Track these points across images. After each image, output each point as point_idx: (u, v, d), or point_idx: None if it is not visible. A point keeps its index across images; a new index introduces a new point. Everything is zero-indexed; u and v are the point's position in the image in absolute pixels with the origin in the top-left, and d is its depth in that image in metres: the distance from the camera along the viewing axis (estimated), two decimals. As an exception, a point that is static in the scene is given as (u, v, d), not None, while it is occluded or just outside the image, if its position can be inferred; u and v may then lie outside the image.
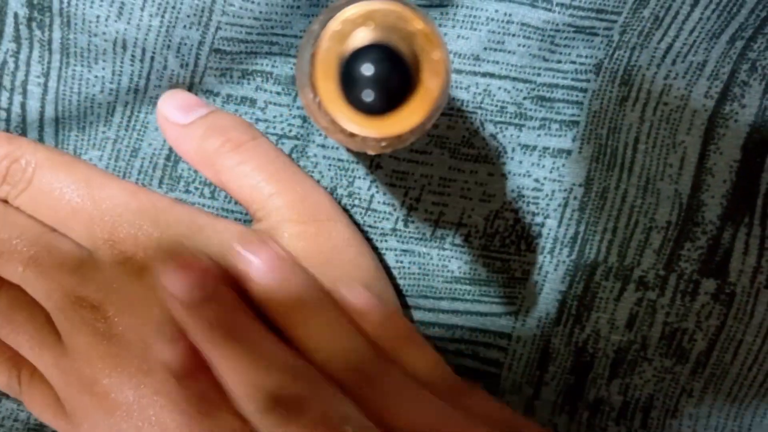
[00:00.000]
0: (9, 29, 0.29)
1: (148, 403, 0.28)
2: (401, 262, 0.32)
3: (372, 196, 0.31)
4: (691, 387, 0.34)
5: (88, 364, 0.29)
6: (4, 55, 0.29)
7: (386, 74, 0.20)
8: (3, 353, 0.31)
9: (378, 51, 0.20)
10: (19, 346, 0.30)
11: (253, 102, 0.31)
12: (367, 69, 0.20)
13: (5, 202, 0.30)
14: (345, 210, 0.31)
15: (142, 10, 0.29)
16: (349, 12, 0.21)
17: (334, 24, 0.21)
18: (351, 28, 0.21)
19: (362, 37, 0.20)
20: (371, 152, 0.25)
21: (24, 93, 0.30)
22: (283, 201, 0.29)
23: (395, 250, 0.32)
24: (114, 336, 0.28)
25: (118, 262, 0.29)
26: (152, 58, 0.30)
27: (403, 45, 0.20)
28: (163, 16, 0.29)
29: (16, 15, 0.29)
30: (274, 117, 0.31)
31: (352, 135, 0.25)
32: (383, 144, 0.25)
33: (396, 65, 0.20)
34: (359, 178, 0.31)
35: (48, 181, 0.30)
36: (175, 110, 0.29)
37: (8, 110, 0.31)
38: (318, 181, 0.31)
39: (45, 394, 0.31)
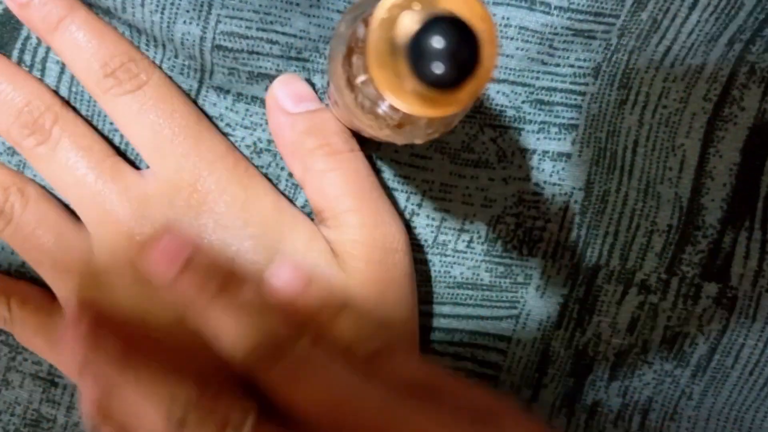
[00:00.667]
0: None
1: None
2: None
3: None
4: (690, 390, 0.34)
5: (112, 292, 0.28)
6: (28, 30, 0.29)
7: (457, 44, 0.20)
8: None
9: (444, 23, 0.20)
10: (38, 264, 0.30)
11: (263, 102, 0.30)
12: (438, 42, 0.20)
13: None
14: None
15: (142, 6, 0.29)
16: None
17: (381, 11, 0.21)
18: (398, 13, 0.21)
19: (413, 17, 0.20)
20: (419, 141, 0.25)
21: (42, 70, 0.30)
22: (358, 220, 0.29)
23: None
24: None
25: (190, 208, 0.29)
26: (164, 46, 0.30)
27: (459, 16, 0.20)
28: (162, 12, 0.29)
29: None
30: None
31: (400, 126, 0.25)
32: (431, 131, 0.25)
33: (464, 36, 0.20)
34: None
35: (160, 98, 0.29)
36: (286, 96, 0.29)
37: None
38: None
39: (37, 323, 0.30)
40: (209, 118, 0.30)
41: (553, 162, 0.32)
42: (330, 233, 0.29)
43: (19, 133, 0.28)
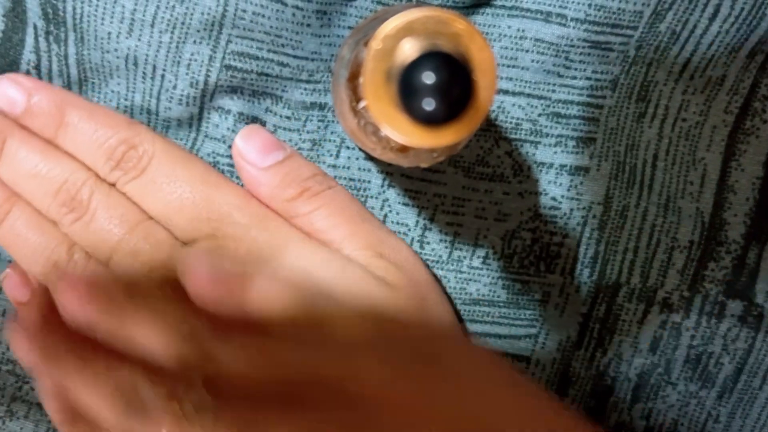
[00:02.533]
0: (30, 39, 0.30)
1: None
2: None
3: (385, 215, 0.31)
4: (717, 412, 0.33)
5: None
6: (26, 66, 0.30)
7: (448, 81, 0.20)
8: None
9: (435, 59, 0.19)
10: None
11: (263, 123, 0.30)
12: (428, 77, 0.19)
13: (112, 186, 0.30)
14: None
15: (152, 26, 0.29)
16: (388, 28, 0.20)
17: (375, 43, 0.21)
18: (393, 44, 0.20)
19: (409, 48, 0.20)
20: (424, 165, 0.25)
21: None
22: (361, 242, 0.29)
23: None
24: None
25: (213, 249, 0.29)
26: (162, 76, 0.30)
27: (453, 50, 0.20)
28: (173, 32, 0.29)
29: (35, 26, 0.30)
30: (283, 142, 0.31)
31: (404, 151, 0.24)
32: (435, 155, 0.25)
33: (455, 71, 0.20)
34: (371, 197, 0.31)
35: (163, 174, 0.30)
36: (253, 151, 0.30)
37: None
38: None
39: None
40: (213, 139, 0.31)
41: (570, 176, 0.31)
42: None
43: (57, 212, 0.29)
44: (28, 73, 0.30)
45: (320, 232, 0.29)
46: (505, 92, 0.31)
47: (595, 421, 0.33)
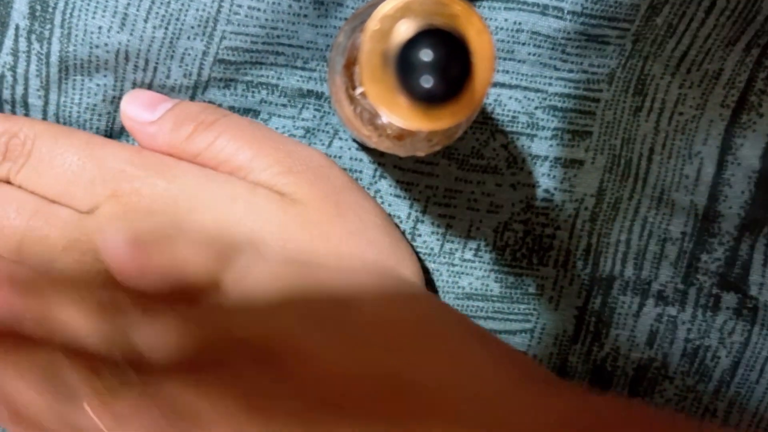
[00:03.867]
0: (9, 42, 0.30)
1: None
2: (410, 278, 0.31)
3: (380, 206, 0.31)
4: (714, 407, 0.33)
5: None
6: (2, 68, 0.30)
7: (446, 58, 0.20)
8: None
9: (433, 36, 0.20)
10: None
11: (256, 113, 0.30)
12: (426, 54, 0.19)
13: (7, 183, 0.30)
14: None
15: (145, 21, 0.29)
16: (386, 8, 0.20)
17: (373, 23, 0.21)
18: (391, 24, 0.21)
19: (405, 29, 0.20)
20: (420, 154, 0.25)
21: (26, 106, 0.30)
22: (268, 160, 0.29)
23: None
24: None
25: (119, 212, 0.29)
26: (155, 68, 0.30)
27: (450, 29, 0.20)
28: (167, 28, 0.29)
29: (17, 27, 0.30)
30: (277, 129, 0.31)
31: (400, 138, 0.24)
32: (432, 143, 0.25)
33: (453, 49, 0.20)
34: (363, 188, 0.31)
35: (48, 149, 0.30)
36: (139, 109, 0.30)
37: None
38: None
39: None
40: None
41: (565, 169, 0.31)
42: (261, 185, 0.29)
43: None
44: (2, 76, 0.30)
45: (226, 162, 0.29)
46: (502, 85, 0.31)
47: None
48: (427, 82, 0.20)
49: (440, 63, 0.20)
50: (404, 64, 0.20)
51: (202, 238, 0.27)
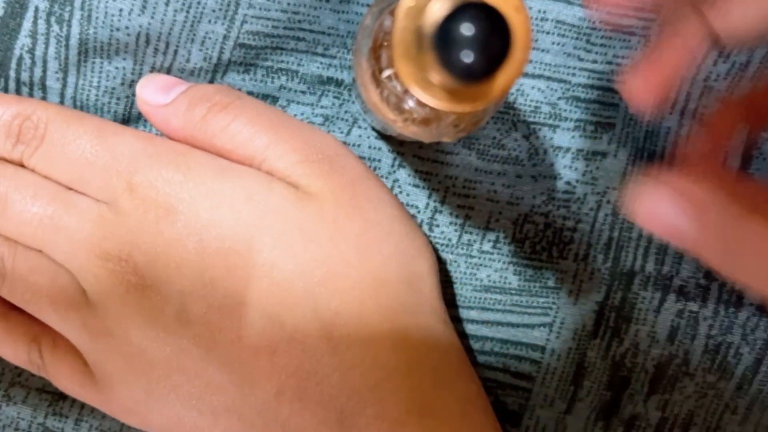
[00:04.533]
0: (27, 24, 0.29)
1: (189, 359, 0.28)
2: (428, 268, 0.31)
3: (395, 196, 0.30)
4: (735, 404, 0.33)
5: (119, 322, 0.28)
6: (20, 50, 0.29)
7: (487, 32, 0.19)
8: (20, 326, 0.30)
9: (474, 10, 0.19)
10: (40, 311, 0.30)
11: (275, 99, 0.30)
12: (467, 29, 0.19)
13: (21, 166, 0.30)
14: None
15: (166, 5, 0.29)
16: None
17: (408, 1, 0.20)
18: (426, 2, 0.20)
19: (441, 5, 0.19)
20: (447, 139, 0.25)
21: (43, 89, 0.30)
22: (284, 147, 0.29)
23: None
24: (146, 288, 0.27)
25: (140, 208, 0.28)
26: (176, 51, 0.29)
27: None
28: (188, 12, 0.29)
29: (36, 9, 0.29)
30: (295, 116, 0.30)
31: (426, 123, 0.24)
32: (460, 127, 0.24)
33: (494, 23, 0.19)
34: (381, 177, 0.30)
35: (60, 135, 0.29)
36: (154, 93, 0.30)
37: None
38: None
39: (71, 364, 0.30)
40: None
41: (587, 161, 0.31)
42: (276, 174, 0.29)
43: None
44: (20, 58, 0.30)
45: (242, 146, 0.29)
46: (525, 74, 0.31)
47: (609, 413, 0.33)
48: (467, 56, 0.19)
49: (481, 38, 0.19)
50: (443, 39, 0.19)
51: (225, 249, 0.27)
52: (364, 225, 0.28)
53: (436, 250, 0.32)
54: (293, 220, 0.28)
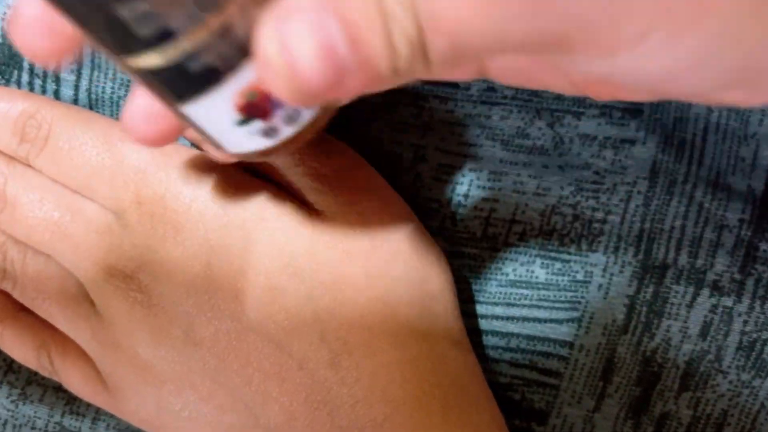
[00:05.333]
0: None
1: (199, 379, 0.27)
2: (451, 264, 0.30)
3: (417, 190, 0.30)
4: (772, 403, 0.31)
5: (127, 336, 0.27)
6: None
7: None
8: (29, 330, 0.29)
9: None
10: (51, 316, 0.29)
11: None
12: None
13: (28, 166, 0.30)
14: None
15: None
16: None
17: None
18: None
19: None
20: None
21: (57, 80, 0.29)
22: (294, 158, 0.28)
23: (443, 251, 0.30)
24: (152, 306, 0.27)
25: (147, 224, 0.28)
26: None
27: None
28: None
29: None
30: None
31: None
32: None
33: None
34: (402, 171, 0.30)
35: (66, 138, 0.29)
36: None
37: None
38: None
39: (82, 370, 0.30)
40: None
41: (615, 149, 0.30)
42: (287, 187, 0.29)
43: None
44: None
45: None
46: None
47: (639, 410, 0.32)
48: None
49: None
50: None
51: (234, 272, 0.27)
52: (371, 245, 0.28)
53: (460, 245, 0.31)
54: (303, 244, 0.28)
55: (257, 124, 0.20)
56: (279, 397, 0.27)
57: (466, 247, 0.31)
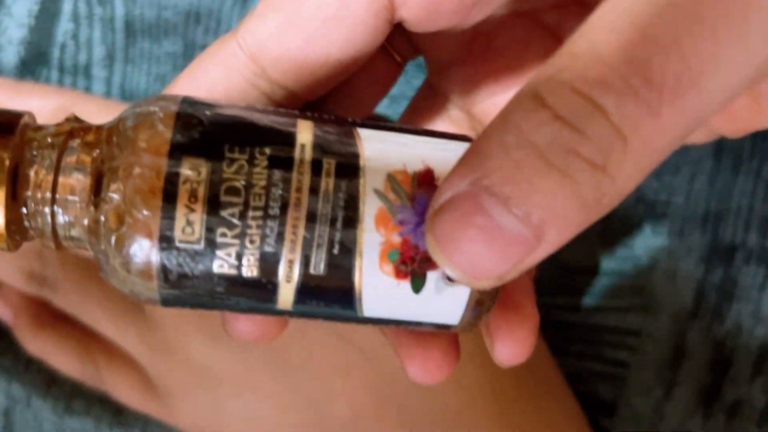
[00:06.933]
0: (67, 7, 0.27)
1: (258, 378, 0.27)
2: (508, 253, 0.29)
3: None
4: None
5: (178, 338, 0.26)
6: (63, 36, 0.28)
7: None
8: (71, 337, 0.29)
9: None
10: (95, 321, 0.28)
11: None
12: None
13: None
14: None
15: None
16: None
17: None
18: None
19: None
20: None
21: (88, 77, 0.28)
22: None
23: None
24: None
25: None
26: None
27: None
28: None
29: None
30: None
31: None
32: None
33: None
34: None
35: None
36: None
37: None
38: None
39: (130, 376, 0.29)
40: None
41: (677, 127, 0.28)
42: None
43: None
44: (63, 45, 0.28)
45: None
46: None
47: (710, 398, 0.31)
48: None
49: None
50: None
51: None
52: None
53: None
54: None
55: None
56: (344, 392, 0.27)
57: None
